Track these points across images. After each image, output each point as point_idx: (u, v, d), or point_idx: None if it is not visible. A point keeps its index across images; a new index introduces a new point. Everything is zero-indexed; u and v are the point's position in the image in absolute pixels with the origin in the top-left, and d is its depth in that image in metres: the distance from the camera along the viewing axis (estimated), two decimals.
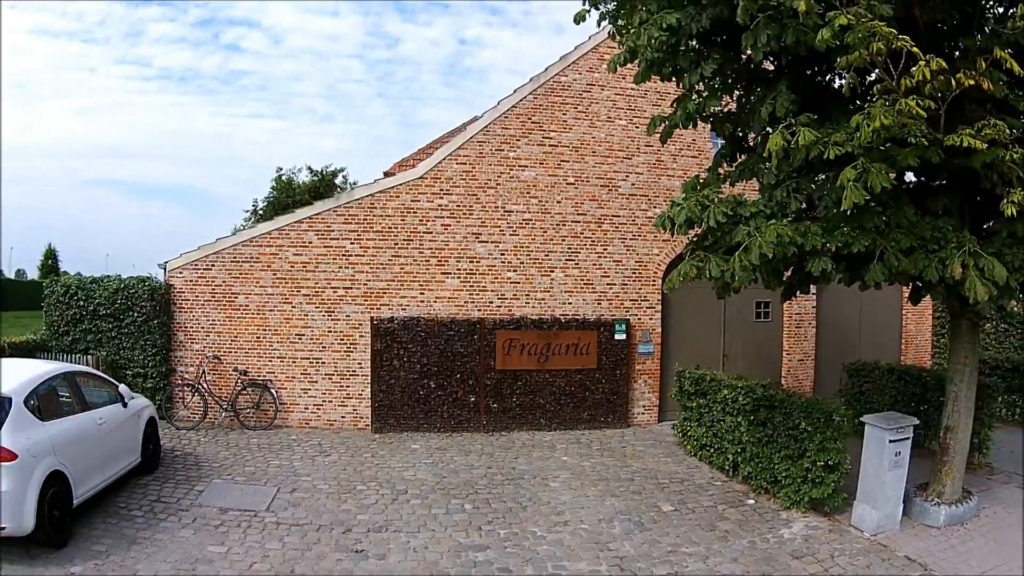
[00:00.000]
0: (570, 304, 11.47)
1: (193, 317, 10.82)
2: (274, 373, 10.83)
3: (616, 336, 11.30)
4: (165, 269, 10.97)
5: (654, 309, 11.74)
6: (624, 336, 11.34)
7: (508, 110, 11.28)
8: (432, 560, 6.14)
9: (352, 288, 10.91)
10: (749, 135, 6.96)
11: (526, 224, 11.29)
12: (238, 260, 10.81)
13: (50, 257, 54.07)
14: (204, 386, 10.65)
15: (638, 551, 6.40)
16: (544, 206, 11.35)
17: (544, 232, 11.36)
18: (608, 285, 11.59)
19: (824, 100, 6.03)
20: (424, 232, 11.02)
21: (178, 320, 10.81)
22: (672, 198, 6.38)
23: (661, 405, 11.74)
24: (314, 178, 39.47)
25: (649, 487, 8.27)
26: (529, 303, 11.33)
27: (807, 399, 7.55)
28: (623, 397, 11.42)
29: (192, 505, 7.25)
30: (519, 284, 11.31)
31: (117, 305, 10.56)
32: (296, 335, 10.84)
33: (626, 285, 11.63)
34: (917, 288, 6.29)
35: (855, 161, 5.05)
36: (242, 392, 10.70)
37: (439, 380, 10.86)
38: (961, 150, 5.11)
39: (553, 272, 11.42)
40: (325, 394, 10.90)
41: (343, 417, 10.94)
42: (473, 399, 10.95)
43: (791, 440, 7.32)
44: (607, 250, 11.57)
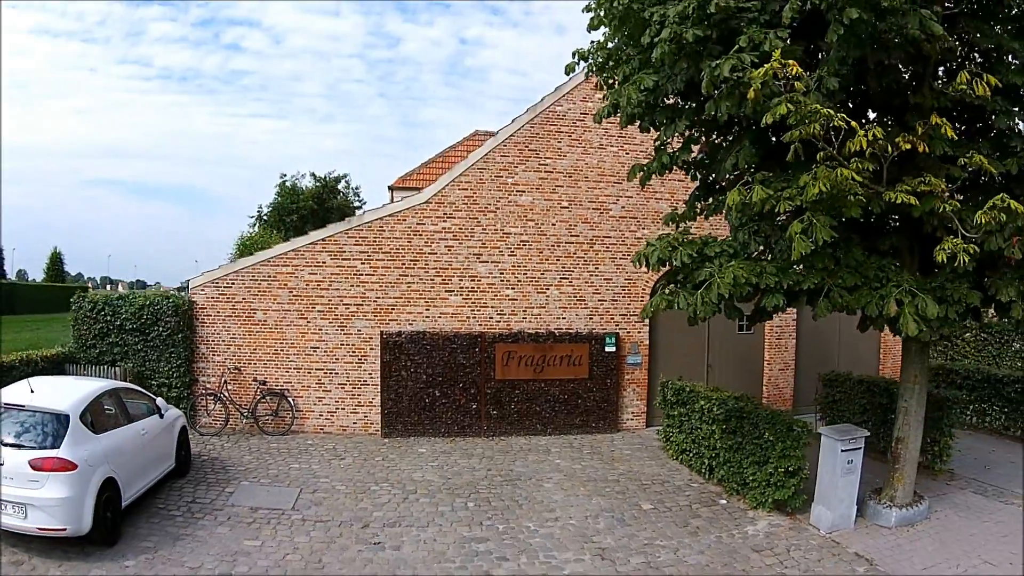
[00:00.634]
0: (564, 319, 12.37)
1: (215, 331, 11.69)
2: (291, 383, 11.72)
3: (606, 348, 12.20)
4: (187, 286, 11.87)
5: (642, 323, 12.62)
6: (614, 348, 12.24)
7: (507, 138, 12.16)
8: (440, 550, 7.06)
9: (363, 304, 11.80)
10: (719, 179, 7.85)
11: (523, 245, 12.19)
12: (256, 279, 11.69)
13: (56, 261, 54.97)
14: (225, 395, 11.54)
15: (618, 543, 7.32)
16: (540, 228, 12.24)
17: (540, 252, 12.26)
18: (599, 301, 12.49)
19: (782, 155, 6.91)
20: (429, 253, 11.92)
21: (201, 334, 11.67)
22: (647, 239, 7.28)
23: (649, 411, 12.64)
24: (317, 184, 40.40)
25: (632, 488, 9.17)
26: (526, 318, 12.23)
27: (771, 411, 8.44)
28: (613, 404, 12.32)
29: (225, 505, 8.13)
30: (517, 301, 12.22)
31: (143, 320, 11.39)
32: (311, 348, 11.73)
33: (616, 301, 12.52)
34: (863, 319, 7.14)
35: (804, 214, 5.94)
36: (261, 400, 11.59)
37: (443, 389, 11.75)
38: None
39: (548, 289, 12.32)
40: (338, 402, 11.81)
41: (355, 423, 11.84)
42: (475, 406, 11.84)
43: (757, 448, 8.22)
44: (598, 269, 12.47)
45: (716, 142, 7.53)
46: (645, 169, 7.48)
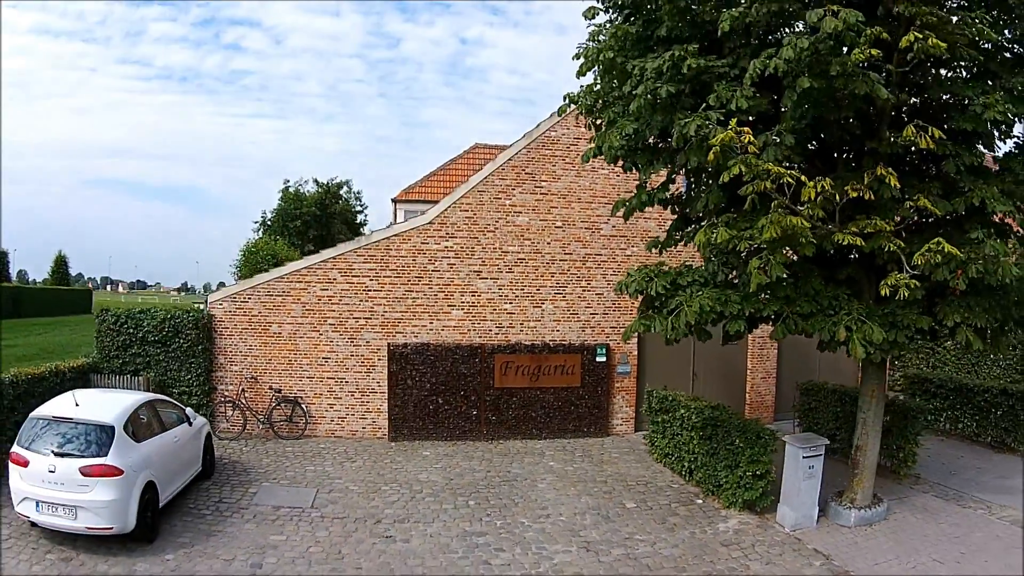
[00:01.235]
0: (558, 331, 13.26)
1: (232, 343, 12.56)
2: (304, 390, 12.61)
3: (597, 359, 13.10)
4: (207, 301, 12.75)
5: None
6: (604, 359, 13.14)
7: (504, 162, 13.04)
8: (444, 543, 7.98)
9: (371, 318, 12.70)
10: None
11: (520, 263, 13.08)
12: (272, 294, 12.57)
13: (61, 264, 55.72)
14: (243, 402, 12.42)
15: (602, 537, 8.24)
16: (536, 247, 13.13)
17: (536, 269, 13.15)
18: (591, 315, 13.39)
19: (745, 199, 7.77)
20: (433, 270, 12.81)
21: (219, 345, 12.54)
22: (628, 269, 8.17)
23: (637, 417, 13.52)
24: (320, 190, 41.24)
25: (618, 488, 10.07)
26: (523, 331, 13.13)
27: (743, 420, 9.32)
28: (603, 411, 13.22)
29: (250, 504, 9.01)
30: (514, 314, 13.11)
31: (165, 332, 12.20)
32: (323, 358, 12.62)
33: (607, 315, 13.41)
34: (820, 341, 7.99)
35: (762, 252, 6.81)
36: (276, 407, 12.47)
37: (446, 396, 12.65)
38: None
39: (543, 304, 13.21)
40: (348, 408, 12.70)
41: (364, 428, 12.74)
42: (475, 412, 12.74)
43: (730, 453, 9.10)
44: (590, 284, 13.36)
45: (691, 182, 8.43)
46: (627, 205, 8.37)
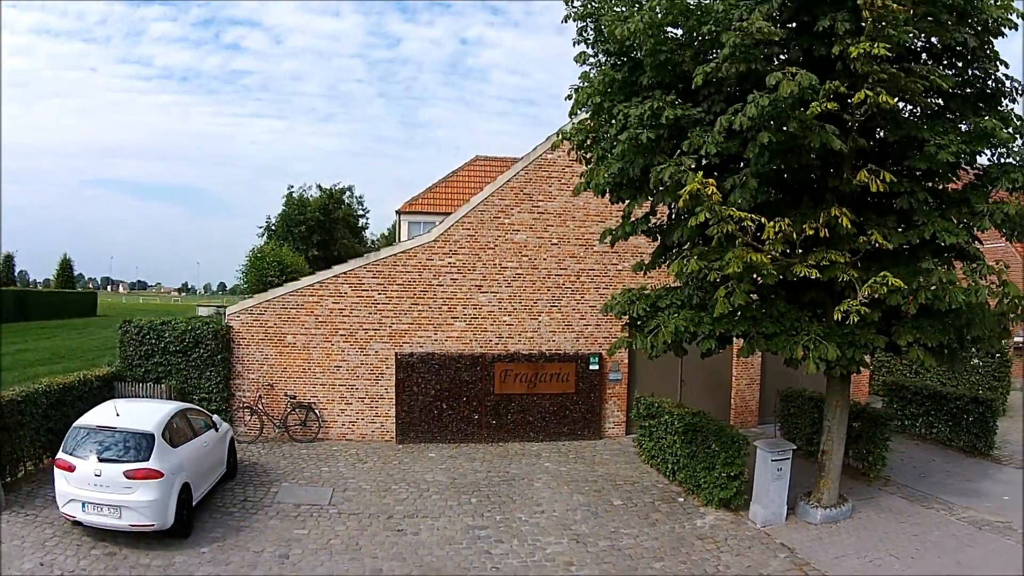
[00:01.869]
0: (554, 341, 14.20)
1: (249, 352, 13.48)
2: (317, 397, 13.55)
3: (591, 367, 14.03)
4: (224, 313, 13.68)
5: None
6: (597, 367, 14.07)
7: (504, 183, 13.97)
8: (449, 536, 8.94)
9: (380, 329, 13.63)
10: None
11: (518, 278, 14.02)
12: (286, 307, 13.50)
13: (66, 267, 56.58)
14: (260, 408, 13.35)
15: (590, 531, 9.19)
16: (533, 263, 14.06)
17: (533, 284, 14.09)
18: (584, 326, 14.32)
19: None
20: (437, 285, 13.75)
21: (237, 355, 13.46)
22: (613, 293, 9.12)
23: (628, 421, 14.44)
24: (323, 195, 42.11)
25: (608, 487, 11.01)
26: (521, 341, 14.07)
27: (719, 426, 10.24)
28: (596, 415, 14.16)
29: (272, 503, 9.94)
30: (513, 326, 14.05)
31: (185, 343, 13.09)
32: (335, 367, 13.56)
33: (599, 326, 14.34)
34: (785, 359, 8.90)
35: (729, 282, 7.73)
36: (291, 412, 13.40)
37: (449, 402, 13.59)
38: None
39: (540, 316, 14.15)
40: (358, 413, 13.65)
41: (373, 431, 13.69)
42: (477, 417, 13.68)
43: (707, 455, 10.03)
44: (584, 297, 14.30)
45: (671, 213, 9.36)
46: (613, 234, 9.31)
